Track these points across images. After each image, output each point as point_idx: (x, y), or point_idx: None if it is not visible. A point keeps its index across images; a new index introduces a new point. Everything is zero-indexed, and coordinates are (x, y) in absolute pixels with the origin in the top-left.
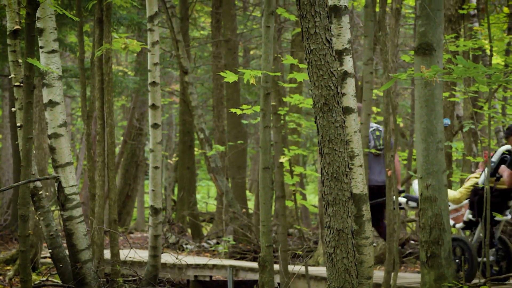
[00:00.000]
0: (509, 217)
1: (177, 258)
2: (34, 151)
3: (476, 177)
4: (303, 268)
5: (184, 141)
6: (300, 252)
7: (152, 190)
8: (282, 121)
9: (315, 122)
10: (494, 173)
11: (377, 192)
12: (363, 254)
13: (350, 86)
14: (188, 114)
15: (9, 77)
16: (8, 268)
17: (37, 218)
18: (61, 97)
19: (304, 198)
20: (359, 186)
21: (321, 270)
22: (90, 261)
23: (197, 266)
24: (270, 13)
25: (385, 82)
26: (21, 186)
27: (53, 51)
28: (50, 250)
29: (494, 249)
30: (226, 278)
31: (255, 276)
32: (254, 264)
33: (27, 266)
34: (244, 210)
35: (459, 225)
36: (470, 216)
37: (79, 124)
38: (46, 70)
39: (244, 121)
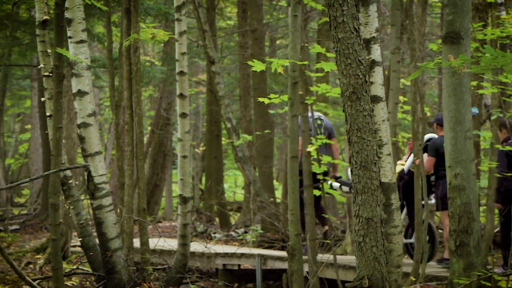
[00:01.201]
0: (433, 201)
1: (206, 247)
2: (63, 141)
3: (402, 164)
4: (331, 257)
5: (211, 130)
6: (328, 241)
7: (181, 179)
8: None
9: (343, 111)
10: None
11: (316, 177)
12: (392, 242)
13: (378, 75)
14: (215, 103)
15: (38, 67)
16: (38, 256)
17: (67, 207)
18: (90, 87)
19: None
20: (388, 174)
21: (349, 259)
22: (120, 250)
23: (225, 255)
24: (297, 2)
25: (412, 71)
26: (51, 175)
27: (81, 41)
28: (80, 239)
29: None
30: (255, 267)
31: (283, 265)
32: (282, 253)
33: (58, 255)
34: (271, 199)
35: None
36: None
37: (107, 114)
38: (75, 60)
39: (271, 111)
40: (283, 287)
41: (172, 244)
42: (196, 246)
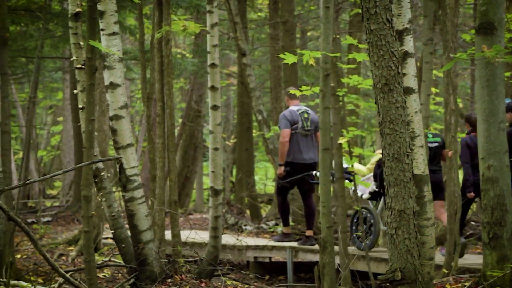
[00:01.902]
0: None
1: (237, 239)
2: (95, 133)
3: (381, 153)
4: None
5: (242, 123)
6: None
7: (212, 171)
8: (340, 103)
9: (375, 102)
10: None
11: (304, 168)
12: (424, 235)
13: (410, 66)
14: (246, 96)
15: (71, 59)
16: (70, 248)
17: (99, 199)
18: (122, 79)
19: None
20: (420, 166)
21: (381, 252)
22: (152, 242)
23: (256, 247)
24: None
25: (445, 63)
26: (84, 167)
27: (113, 34)
28: (112, 231)
29: None
30: (286, 259)
31: (314, 257)
32: (314, 246)
33: (91, 247)
34: None
35: (366, 195)
36: (375, 187)
37: (138, 106)
38: (107, 52)
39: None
40: (314, 280)
41: (203, 236)
42: (227, 239)
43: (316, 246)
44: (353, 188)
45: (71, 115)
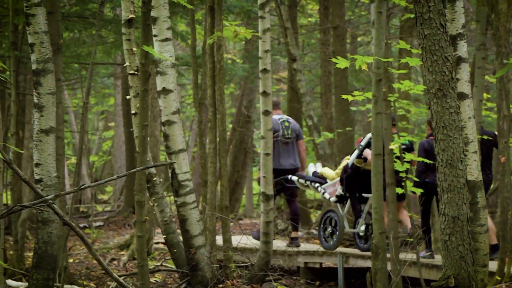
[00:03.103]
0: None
1: (288, 245)
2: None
3: (348, 159)
4: (414, 256)
5: None
6: (411, 239)
7: (264, 176)
8: (392, 108)
9: (428, 108)
10: (360, 155)
11: (285, 174)
12: (478, 241)
13: (464, 72)
14: (296, 101)
15: (124, 65)
16: (122, 253)
17: (152, 204)
18: (174, 84)
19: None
20: (474, 172)
21: (433, 258)
22: (203, 247)
23: (307, 252)
24: None
25: (497, 68)
26: (137, 172)
27: (166, 39)
28: (164, 236)
29: (365, 222)
30: (336, 265)
31: (365, 263)
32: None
33: (144, 251)
34: None
35: (333, 198)
36: (341, 191)
37: (188, 112)
38: (159, 58)
39: (353, 108)
40: (365, 285)
41: (254, 241)
42: (277, 244)
43: (368, 252)
44: (322, 191)
45: (122, 121)
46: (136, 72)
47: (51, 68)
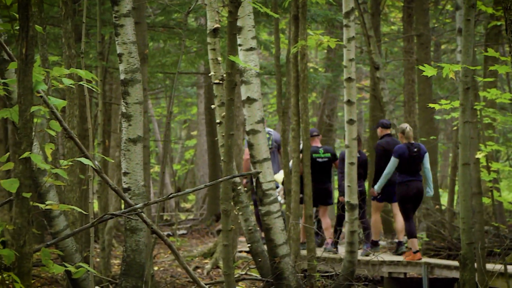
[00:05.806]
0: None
1: (373, 254)
2: None
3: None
4: (501, 266)
5: (374, 137)
6: (498, 250)
7: (348, 186)
8: (478, 117)
9: None
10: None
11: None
12: None
13: None
14: (378, 109)
15: (208, 75)
16: (205, 261)
17: (236, 213)
18: (259, 93)
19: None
20: None
21: None
22: (288, 256)
23: (391, 262)
24: (470, 6)
25: None
26: (223, 181)
27: (251, 49)
28: (249, 245)
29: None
30: (421, 276)
31: (450, 274)
32: (449, 262)
33: (230, 260)
34: (436, 206)
35: (283, 201)
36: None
37: (270, 120)
38: (244, 67)
39: (437, 117)
40: None
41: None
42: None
43: (453, 262)
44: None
45: (205, 130)
46: (221, 82)
47: (138, 77)
